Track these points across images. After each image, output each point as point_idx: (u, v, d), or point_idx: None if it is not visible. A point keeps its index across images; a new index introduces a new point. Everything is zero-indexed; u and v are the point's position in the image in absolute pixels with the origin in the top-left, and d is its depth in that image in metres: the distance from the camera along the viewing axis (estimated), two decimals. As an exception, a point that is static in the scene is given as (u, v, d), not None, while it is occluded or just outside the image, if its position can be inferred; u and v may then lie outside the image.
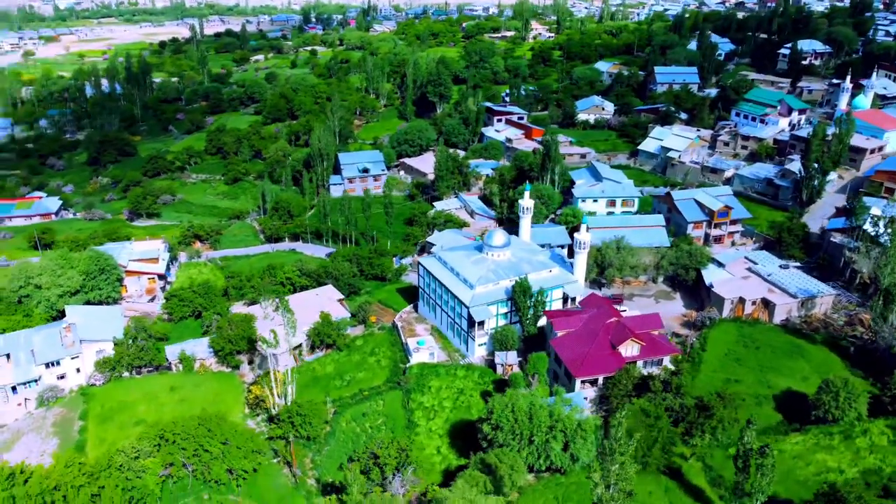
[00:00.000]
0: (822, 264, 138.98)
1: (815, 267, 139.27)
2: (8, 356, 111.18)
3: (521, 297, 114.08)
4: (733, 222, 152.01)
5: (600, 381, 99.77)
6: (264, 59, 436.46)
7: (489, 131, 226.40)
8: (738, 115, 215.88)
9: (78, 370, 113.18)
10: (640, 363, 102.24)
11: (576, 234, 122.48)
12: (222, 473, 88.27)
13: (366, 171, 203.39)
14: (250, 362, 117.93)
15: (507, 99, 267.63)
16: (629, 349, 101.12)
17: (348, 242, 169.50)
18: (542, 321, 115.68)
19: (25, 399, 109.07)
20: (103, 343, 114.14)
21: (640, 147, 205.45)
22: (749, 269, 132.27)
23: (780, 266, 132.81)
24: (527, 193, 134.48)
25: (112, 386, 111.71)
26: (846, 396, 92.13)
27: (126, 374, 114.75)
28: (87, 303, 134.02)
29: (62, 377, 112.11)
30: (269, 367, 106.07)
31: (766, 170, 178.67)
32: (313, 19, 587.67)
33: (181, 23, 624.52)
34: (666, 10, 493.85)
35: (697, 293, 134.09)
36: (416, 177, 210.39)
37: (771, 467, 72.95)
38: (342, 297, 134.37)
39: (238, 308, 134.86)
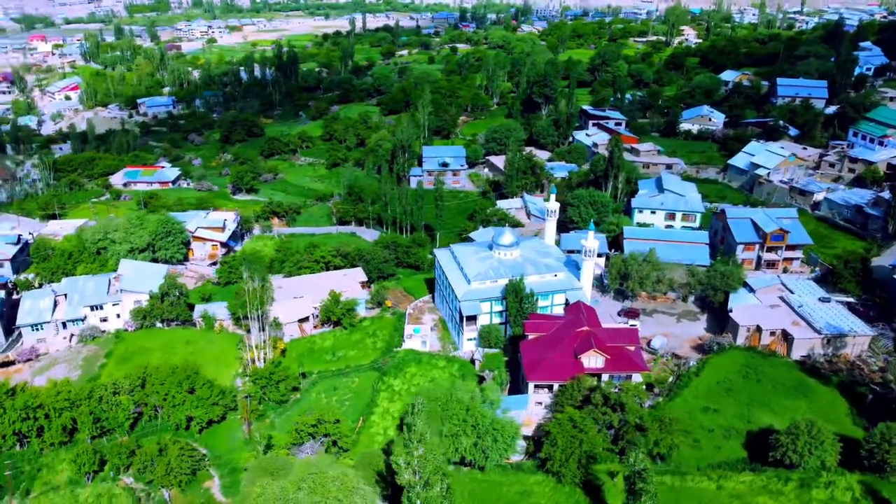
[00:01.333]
0: (879, 303, 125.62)
1: (873, 305, 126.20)
2: (65, 296, 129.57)
3: (511, 297, 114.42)
4: (791, 247, 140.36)
5: (556, 387, 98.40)
6: (408, 54, 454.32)
7: (580, 135, 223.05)
8: (855, 134, 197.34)
9: (118, 315, 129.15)
10: (605, 376, 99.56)
11: (582, 241, 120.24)
12: (183, 419, 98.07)
13: (445, 165, 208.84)
14: (263, 328, 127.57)
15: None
16: (592, 360, 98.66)
17: (405, 231, 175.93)
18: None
19: (71, 334, 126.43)
20: (141, 295, 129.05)
21: (730, 162, 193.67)
22: (781, 298, 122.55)
23: (820, 299, 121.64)
24: (552, 196, 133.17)
25: (141, 333, 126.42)
26: (807, 441, 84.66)
27: (159, 324, 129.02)
28: (154, 260, 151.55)
29: (104, 320, 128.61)
30: (267, 333, 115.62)
31: (858, 196, 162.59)
32: (469, 17, 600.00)
33: (350, 17, 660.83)
34: (843, 18, 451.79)
35: (724, 317, 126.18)
36: (498, 174, 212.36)
37: (653, 495, 69.89)
38: (365, 279, 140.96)
39: (276, 279, 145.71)
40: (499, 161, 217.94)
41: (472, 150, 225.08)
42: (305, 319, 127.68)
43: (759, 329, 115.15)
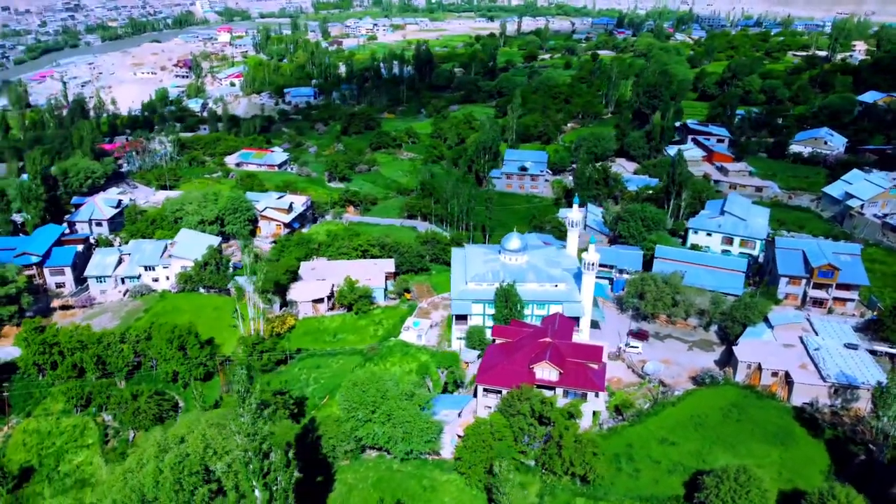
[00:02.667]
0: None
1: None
2: (128, 255, 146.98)
3: (499, 301, 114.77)
4: (844, 286, 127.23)
5: (504, 392, 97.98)
6: (549, 58, 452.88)
7: (673, 149, 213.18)
8: None
9: (167, 278, 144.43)
10: (559, 390, 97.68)
11: (583, 255, 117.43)
12: (170, 373, 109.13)
13: (524, 169, 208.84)
14: (283, 305, 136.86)
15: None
16: (545, 372, 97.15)
17: (460, 228, 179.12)
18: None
19: (126, 290, 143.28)
20: (188, 261, 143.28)
21: (824, 189, 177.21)
22: (801, 339, 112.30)
23: (846, 345, 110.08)
24: (575, 206, 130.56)
25: (182, 295, 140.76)
26: (732, 487, 78.61)
27: (202, 290, 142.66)
28: (220, 233, 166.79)
29: (156, 280, 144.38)
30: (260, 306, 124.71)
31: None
32: (626, 24, 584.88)
33: (507, 20, 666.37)
34: None
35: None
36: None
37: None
38: (393, 271, 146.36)
39: (320, 261, 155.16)
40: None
41: (560, 156, 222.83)
42: (321, 300, 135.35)
43: (759, 368, 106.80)
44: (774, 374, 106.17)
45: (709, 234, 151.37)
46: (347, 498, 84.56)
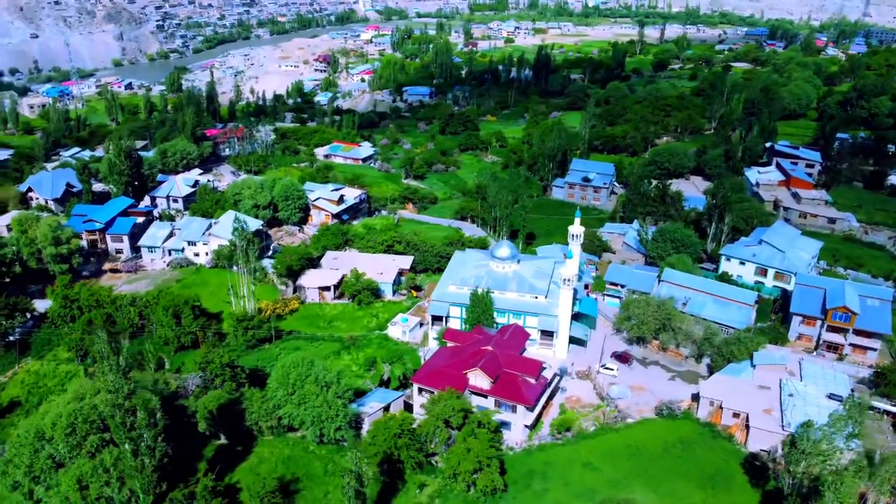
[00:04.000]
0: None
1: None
2: (179, 230, 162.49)
3: (472, 306, 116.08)
4: (864, 333, 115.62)
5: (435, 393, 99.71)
6: (679, 68, 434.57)
7: (751, 171, 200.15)
8: None
9: (207, 253, 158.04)
10: (490, 399, 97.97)
11: (561, 269, 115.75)
12: (163, 337, 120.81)
13: (587, 180, 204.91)
14: (296, 290, 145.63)
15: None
16: (478, 379, 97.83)
17: (500, 233, 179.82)
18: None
19: (172, 260, 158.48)
20: (224, 240, 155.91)
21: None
22: (781, 381, 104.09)
23: (830, 395, 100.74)
24: (577, 220, 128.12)
25: (213, 270, 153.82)
26: (609, 520, 76.26)
27: (235, 268, 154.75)
28: (274, 218, 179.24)
29: (196, 255, 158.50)
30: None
31: None
32: (778, 36, 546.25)
33: (654, 28, 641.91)
34: None
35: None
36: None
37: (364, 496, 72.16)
38: (408, 268, 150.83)
39: (348, 252, 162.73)
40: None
41: (630, 170, 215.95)
42: (328, 288, 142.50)
43: (720, 407, 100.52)
44: (736, 415, 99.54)
45: (742, 263, 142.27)
46: (256, 469, 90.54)
